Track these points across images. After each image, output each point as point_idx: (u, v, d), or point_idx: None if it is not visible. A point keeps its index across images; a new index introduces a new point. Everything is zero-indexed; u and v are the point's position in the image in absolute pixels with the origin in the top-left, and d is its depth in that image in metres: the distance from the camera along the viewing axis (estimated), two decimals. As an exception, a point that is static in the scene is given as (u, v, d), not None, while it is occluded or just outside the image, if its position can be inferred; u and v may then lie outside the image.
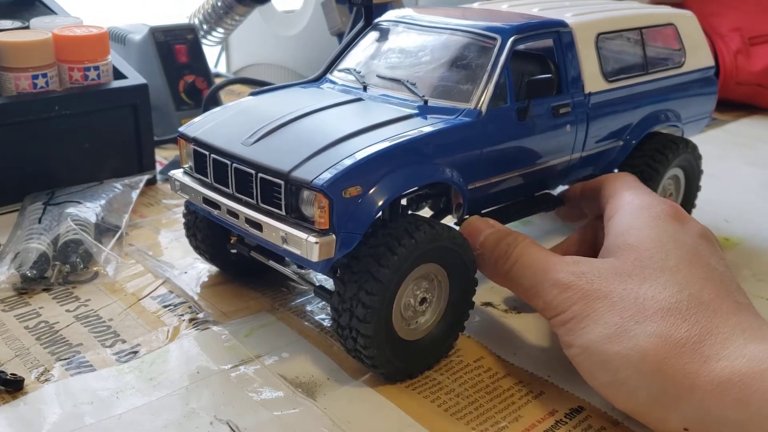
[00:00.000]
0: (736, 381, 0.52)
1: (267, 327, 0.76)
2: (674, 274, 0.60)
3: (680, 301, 0.58)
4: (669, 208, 0.67)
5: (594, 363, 0.59)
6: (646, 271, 0.61)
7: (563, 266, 0.64)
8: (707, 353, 0.54)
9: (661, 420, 0.56)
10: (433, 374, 0.69)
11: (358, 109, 0.74)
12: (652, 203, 0.68)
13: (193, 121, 0.76)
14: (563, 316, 0.62)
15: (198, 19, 1.58)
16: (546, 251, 0.68)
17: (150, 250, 0.92)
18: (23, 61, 1.00)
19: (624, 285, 0.61)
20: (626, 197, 0.71)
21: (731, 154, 1.34)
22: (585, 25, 0.83)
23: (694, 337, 0.56)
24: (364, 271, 0.63)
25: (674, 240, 0.63)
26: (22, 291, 0.82)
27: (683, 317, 0.57)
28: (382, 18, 0.86)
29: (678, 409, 0.55)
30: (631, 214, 0.68)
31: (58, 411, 0.63)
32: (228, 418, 0.63)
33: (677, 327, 0.56)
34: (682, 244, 0.63)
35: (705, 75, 0.98)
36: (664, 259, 0.61)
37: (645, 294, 0.59)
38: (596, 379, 0.60)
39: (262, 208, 0.66)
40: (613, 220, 0.69)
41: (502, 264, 0.69)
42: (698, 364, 0.54)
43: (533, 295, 0.66)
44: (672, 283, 0.59)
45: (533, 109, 0.75)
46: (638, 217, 0.66)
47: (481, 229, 0.72)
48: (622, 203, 0.70)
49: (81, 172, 1.04)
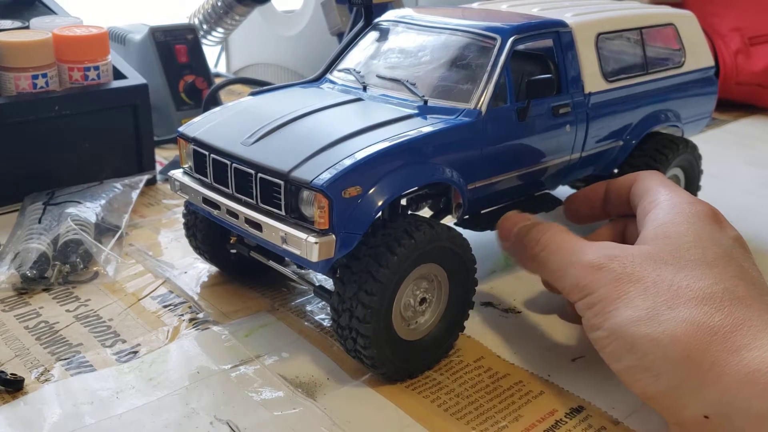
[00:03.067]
0: (765, 371, 0.52)
1: (267, 327, 0.76)
2: (711, 269, 0.60)
3: (715, 292, 0.58)
4: (708, 209, 0.67)
5: (620, 346, 0.59)
6: (683, 261, 0.61)
7: (595, 249, 0.64)
8: (739, 343, 0.54)
9: (680, 407, 0.56)
10: (433, 374, 0.69)
11: (358, 109, 0.74)
12: (692, 201, 0.68)
13: (193, 121, 0.76)
14: (591, 298, 0.61)
15: (198, 19, 1.58)
16: (577, 237, 0.68)
17: (150, 250, 0.92)
18: (23, 61, 1.00)
19: (659, 271, 0.60)
20: (663, 194, 0.70)
21: (731, 154, 1.34)
22: (585, 25, 0.83)
23: (727, 327, 0.55)
24: (364, 271, 0.63)
25: (711, 238, 0.63)
26: (22, 291, 0.82)
27: (717, 307, 0.57)
28: (382, 18, 0.86)
29: (700, 397, 0.54)
30: (671, 209, 0.67)
31: (58, 411, 0.63)
32: (228, 418, 0.63)
33: (711, 315, 0.56)
34: (718, 244, 0.63)
35: (705, 75, 0.98)
36: (701, 253, 0.61)
37: (680, 282, 0.59)
38: (620, 362, 0.59)
39: (261, 208, 0.66)
40: (652, 214, 0.68)
41: (531, 248, 0.69)
42: (728, 353, 0.54)
43: (560, 277, 0.65)
44: (708, 275, 0.59)
45: (533, 109, 0.75)
46: (678, 213, 0.66)
47: (516, 222, 0.73)
48: (660, 199, 0.70)
49: (81, 172, 1.04)
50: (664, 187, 0.71)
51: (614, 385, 0.67)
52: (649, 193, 0.72)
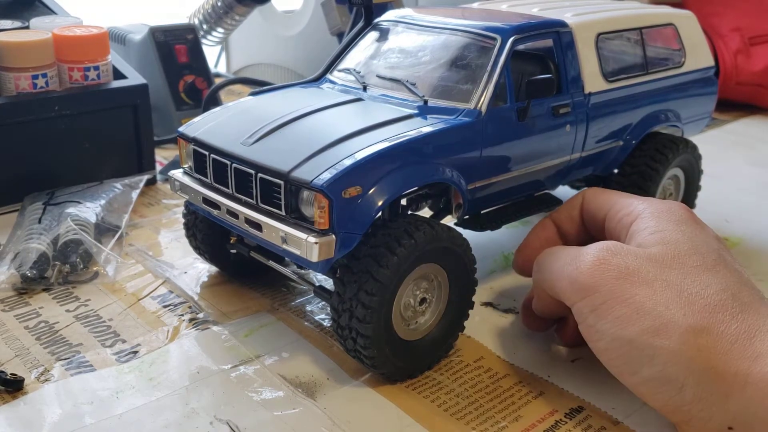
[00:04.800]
0: None
1: (267, 327, 0.76)
2: (714, 275, 0.59)
3: (725, 300, 0.57)
4: (685, 211, 0.66)
5: (636, 356, 0.56)
6: (686, 268, 0.59)
7: (595, 246, 0.62)
8: (759, 350, 0.54)
9: (705, 419, 0.55)
10: (433, 374, 0.69)
11: (358, 109, 0.74)
12: (669, 208, 0.66)
13: (192, 121, 0.76)
14: (594, 298, 0.59)
15: (198, 19, 1.58)
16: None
17: (150, 250, 0.92)
18: (23, 61, 1.00)
19: (665, 275, 0.58)
20: (635, 203, 0.68)
21: (731, 154, 1.34)
22: (585, 25, 0.83)
23: (744, 335, 0.55)
24: (364, 271, 0.63)
25: (705, 243, 0.62)
26: (22, 291, 0.82)
27: (731, 315, 0.56)
28: (382, 18, 0.86)
29: (725, 408, 0.54)
30: (656, 216, 0.65)
31: (58, 411, 0.63)
32: (228, 418, 0.63)
33: (727, 324, 0.55)
34: (711, 249, 0.62)
35: (705, 75, 0.98)
36: (701, 260, 0.60)
37: (689, 289, 0.57)
38: (636, 374, 0.57)
39: (261, 208, 0.66)
40: (637, 224, 0.65)
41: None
42: (750, 360, 0.53)
43: (557, 278, 0.63)
44: (714, 282, 0.58)
45: (533, 109, 0.75)
46: (666, 221, 0.64)
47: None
48: (636, 209, 0.67)
49: (81, 172, 1.04)
50: (629, 197, 0.70)
51: (614, 385, 0.67)
52: (616, 205, 0.69)
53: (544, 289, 0.67)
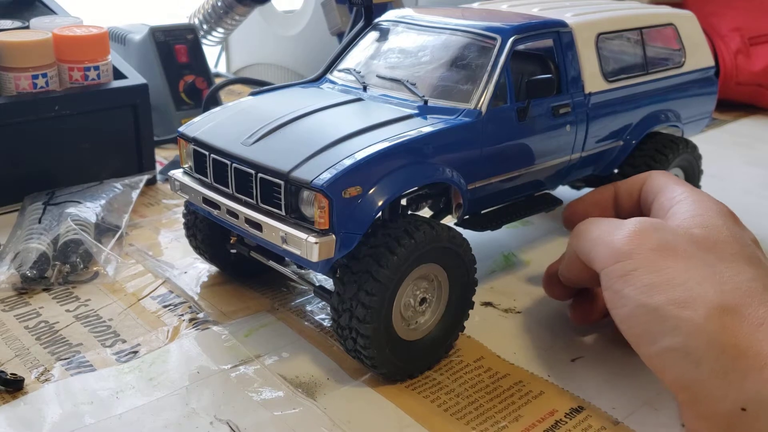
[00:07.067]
0: None
1: (267, 327, 0.76)
2: (749, 266, 0.59)
3: (756, 288, 0.57)
4: (726, 208, 0.67)
5: (658, 325, 0.56)
6: (723, 254, 0.60)
7: (636, 219, 0.63)
8: None
9: (718, 398, 0.54)
10: (433, 374, 0.69)
11: (358, 109, 0.74)
12: (712, 199, 0.68)
13: (193, 121, 0.76)
14: (626, 264, 0.59)
15: (198, 19, 1.58)
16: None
17: (150, 250, 0.92)
18: (23, 61, 1.00)
19: (701, 255, 0.59)
20: (682, 189, 0.69)
21: (731, 154, 1.34)
22: (585, 25, 0.83)
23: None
24: (364, 271, 0.63)
25: (741, 237, 0.63)
26: (22, 291, 0.82)
27: (760, 301, 0.56)
28: (382, 18, 0.86)
29: (741, 388, 0.53)
30: (698, 203, 0.66)
31: (58, 411, 0.63)
32: (228, 418, 0.63)
33: (756, 308, 0.56)
34: (746, 243, 0.63)
35: (705, 75, 0.98)
36: (739, 249, 0.61)
37: (723, 272, 0.58)
38: (655, 344, 0.57)
39: (261, 208, 0.66)
40: (678, 207, 0.67)
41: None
42: None
43: (596, 243, 0.64)
44: (747, 271, 0.59)
45: (533, 109, 0.75)
46: (706, 209, 0.65)
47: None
48: (680, 195, 0.68)
49: (81, 172, 1.04)
50: (679, 185, 0.71)
51: (614, 385, 0.68)
52: (665, 190, 0.71)
53: (578, 253, 0.68)
